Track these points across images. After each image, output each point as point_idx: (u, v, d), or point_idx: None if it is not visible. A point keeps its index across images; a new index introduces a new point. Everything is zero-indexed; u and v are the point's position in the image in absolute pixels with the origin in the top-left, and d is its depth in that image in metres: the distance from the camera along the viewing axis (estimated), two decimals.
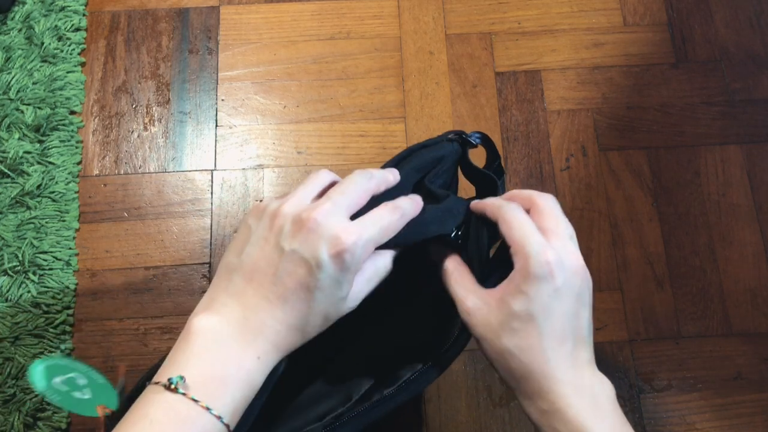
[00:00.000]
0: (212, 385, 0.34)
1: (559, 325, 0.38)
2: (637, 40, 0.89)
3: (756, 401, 0.75)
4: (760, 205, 0.82)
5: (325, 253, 0.36)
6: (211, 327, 0.36)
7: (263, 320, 0.37)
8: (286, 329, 0.37)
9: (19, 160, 0.80)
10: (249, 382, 0.36)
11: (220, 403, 0.34)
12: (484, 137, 0.49)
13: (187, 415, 0.32)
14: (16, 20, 0.87)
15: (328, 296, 0.37)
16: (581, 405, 0.37)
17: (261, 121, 0.85)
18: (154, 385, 0.34)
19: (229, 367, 0.35)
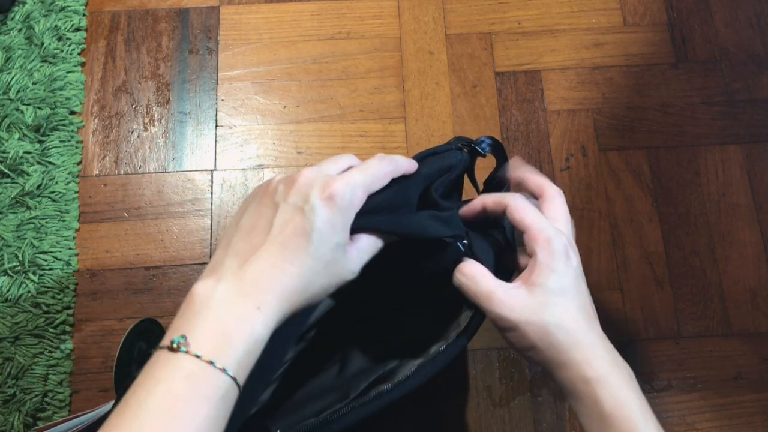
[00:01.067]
0: (214, 340, 0.34)
1: (588, 300, 0.43)
2: (637, 40, 0.89)
3: (756, 401, 0.75)
4: (760, 205, 0.83)
5: (317, 197, 0.38)
6: (210, 288, 0.36)
7: (262, 269, 0.37)
8: (288, 278, 0.37)
9: (19, 160, 0.80)
10: (252, 334, 0.35)
11: (223, 357, 0.34)
12: (495, 145, 0.49)
13: (192, 372, 0.33)
14: (16, 20, 0.87)
15: (326, 240, 0.38)
16: (621, 376, 0.41)
17: (261, 121, 0.85)
18: (159, 350, 0.34)
19: (229, 321, 0.35)
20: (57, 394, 0.72)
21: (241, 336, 0.35)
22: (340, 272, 0.40)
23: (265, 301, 0.36)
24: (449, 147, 0.47)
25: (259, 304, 0.36)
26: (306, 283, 0.38)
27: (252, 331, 0.35)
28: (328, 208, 0.38)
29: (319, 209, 0.38)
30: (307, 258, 0.37)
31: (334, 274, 0.39)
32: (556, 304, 0.41)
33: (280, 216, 0.38)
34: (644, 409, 0.40)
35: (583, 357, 0.41)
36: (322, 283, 0.39)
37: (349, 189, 0.39)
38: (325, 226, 0.38)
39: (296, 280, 0.37)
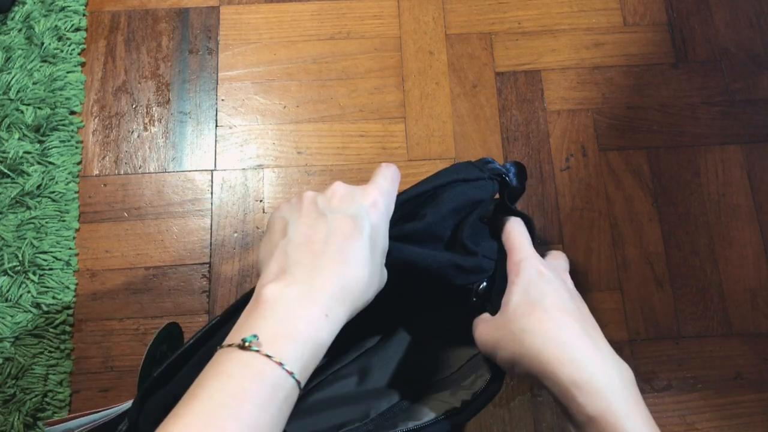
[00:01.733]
0: (283, 342, 0.35)
1: (560, 302, 0.43)
2: (637, 40, 0.89)
3: (756, 401, 0.75)
4: (760, 205, 0.82)
5: (363, 206, 0.40)
6: (280, 292, 0.36)
7: (328, 277, 0.38)
8: (352, 284, 0.38)
9: (19, 160, 0.80)
10: (318, 340, 0.36)
11: (291, 360, 0.34)
12: (520, 172, 0.48)
13: (262, 371, 0.33)
14: (16, 20, 0.87)
15: (377, 245, 0.40)
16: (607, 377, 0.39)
17: (261, 121, 0.85)
18: (227, 347, 0.35)
19: (299, 325, 0.36)
20: (57, 394, 0.72)
21: (309, 342, 0.36)
22: (383, 277, 0.41)
23: (332, 308, 0.37)
24: (480, 175, 0.46)
25: (327, 311, 0.37)
26: (365, 288, 0.39)
27: (318, 337, 0.36)
28: (375, 214, 0.41)
29: (367, 215, 0.40)
30: (366, 263, 0.39)
31: (380, 279, 0.41)
32: (524, 314, 0.42)
33: (332, 224, 0.39)
34: (631, 408, 0.38)
35: (558, 358, 0.40)
36: (375, 288, 0.40)
37: (385, 196, 0.42)
38: (374, 231, 0.40)
39: (358, 286, 0.39)
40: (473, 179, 0.45)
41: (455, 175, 0.45)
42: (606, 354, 0.41)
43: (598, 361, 0.40)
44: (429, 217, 0.44)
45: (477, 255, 0.44)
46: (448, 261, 0.43)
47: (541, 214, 0.81)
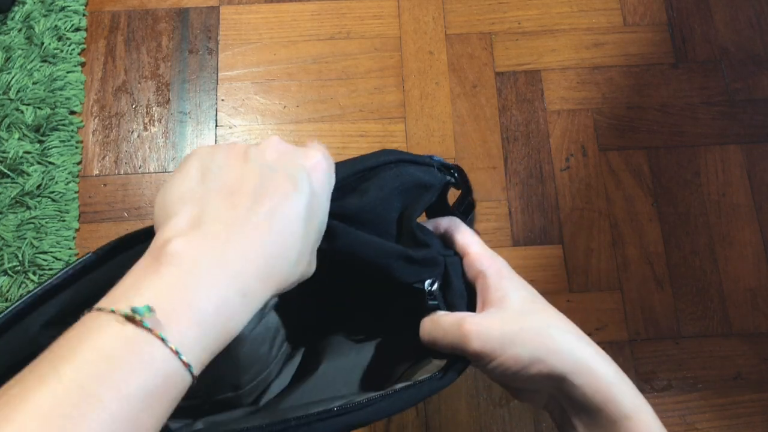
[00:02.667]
0: (184, 322, 0.27)
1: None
2: (637, 40, 0.89)
3: (756, 401, 0.75)
4: (760, 205, 0.82)
5: (304, 167, 0.33)
6: (190, 251, 0.28)
7: (251, 246, 0.30)
8: (280, 261, 0.31)
9: (19, 160, 0.80)
10: (227, 329, 0.29)
11: (191, 353, 0.27)
12: (461, 173, 0.42)
13: (151, 356, 0.25)
14: (16, 20, 0.87)
15: (316, 214, 0.33)
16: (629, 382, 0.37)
17: (261, 121, 0.85)
18: (106, 312, 0.26)
19: (207, 306, 0.28)
20: None
21: (217, 328, 0.28)
22: (311, 264, 0.34)
23: (252, 287, 0.30)
24: (429, 162, 0.40)
25: (245, 289, 0.29)
26: (290, 269, 0.32)
27: (228, 326, 0.29)
28: (317, 179, 0.33)
29: (308, 178, 0.33)
30: (298, 237, 0.32)
31: (308, 266, 0.34)
32: (538, 309, 0.38)
33: (264, 180, 0.32)
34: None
35: (593, 356, 0.37)
36: (299, 275, 0.33)
37: (329, 160, 0.35)
38: (314, 199, 0.33)
39: (284, 265, 0.31)
40: (420, 163, 0.39)
41: (401, 156, 0.39)
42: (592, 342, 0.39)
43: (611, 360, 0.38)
44: (372, 193, 0.37)
45: (430, 247, 0.38)
46: (398, 252, 0.37)
47: (541, 214, 0.81)
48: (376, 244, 0.36)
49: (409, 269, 0.37)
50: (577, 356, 0.36)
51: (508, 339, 0.36)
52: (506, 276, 0.39)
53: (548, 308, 0.38)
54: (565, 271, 0.79)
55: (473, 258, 0.39)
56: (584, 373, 0.36)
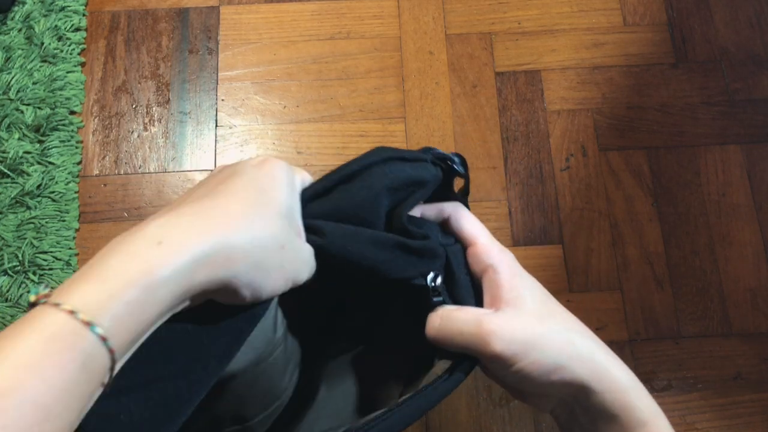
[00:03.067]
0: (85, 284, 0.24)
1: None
2: (637, 40, 0.89)
3: (756, 401, 0.75)
4: (760, 205, 0.82)
5: (249, 162, 0.33)
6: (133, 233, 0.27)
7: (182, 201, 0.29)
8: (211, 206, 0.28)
9: (19, 160, 0.80)
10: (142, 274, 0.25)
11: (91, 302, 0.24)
12: (464, 164, 0.40)
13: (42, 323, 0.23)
14: (16, 20, 0.87)
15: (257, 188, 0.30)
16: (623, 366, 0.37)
17: (261, 121, 0.85)
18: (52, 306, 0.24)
19: (114, 258, 0.25)
20: None
21: (128, 277, 0.24)
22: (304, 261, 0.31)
23: (170, 237, 0.26)
24: (422, 157, 0.38)
25: (161, 238, 0.26)
26: (236, 219, 0.28)
27: (146, 274, 0.25)
28: (272, 162, 0.33)
29: (259, 160, 0.33)
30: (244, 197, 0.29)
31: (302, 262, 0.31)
32: (555, 311, 0.36)
33: (207, 185, 0.31)
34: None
35: (611, 361, 0.35)
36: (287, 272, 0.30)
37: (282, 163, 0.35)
38: (255, 174, 0.31)
39: (222, 215, 0.28)
40: (412, 159, 0.37)
41: (390, 153, 0.36)
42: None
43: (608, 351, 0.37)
44: (358, 193, 0.35)
45: (427, 238, 0.36)
46: (393, 241, 0.34)
47: (541, 214, 0.81)
48: (368, 234, 0.34)
49: (406, 261, 0.35)
50: (597, 362, 0.35)
51: (531, 343, 0.33)
52: (518, 273, 0.37)
53: (563, 310, 0.37)
54: (565, 271, 0.79)
55: (481, 250, 0.37)
56: (604, 379, 0.35)
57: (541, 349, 0.34)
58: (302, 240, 0.32)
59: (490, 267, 0.36)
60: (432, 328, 0.35)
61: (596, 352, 0.35)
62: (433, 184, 0.38)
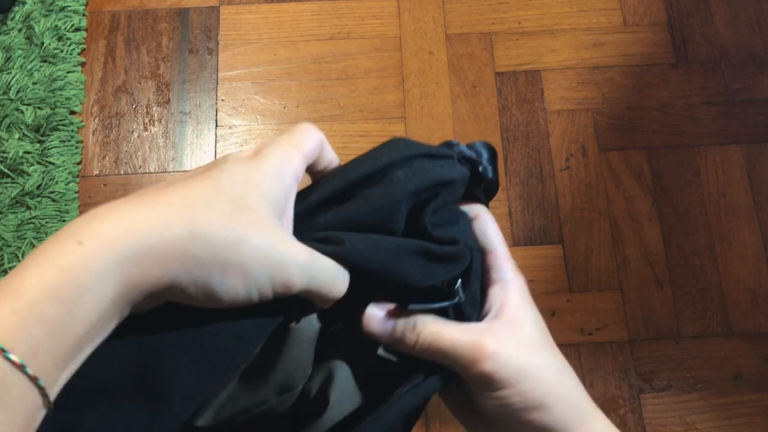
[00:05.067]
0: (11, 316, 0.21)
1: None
2: (637, 40, 0.89)
3: (756, 401, 0.75)
4: (760, 205, 0.83)
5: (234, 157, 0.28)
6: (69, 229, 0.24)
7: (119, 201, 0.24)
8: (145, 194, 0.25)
9: (19, 160, 0.80)
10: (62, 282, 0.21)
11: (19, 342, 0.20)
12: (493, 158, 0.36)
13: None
14: (16, 20, 0.87)
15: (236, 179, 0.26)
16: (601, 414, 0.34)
17: (261, 121, 0.85)
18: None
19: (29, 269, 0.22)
20: None
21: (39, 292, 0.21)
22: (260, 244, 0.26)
23: (91, 235, 0.22)
24: (448, 154, 0.34)
25: (81, 237, 0.22)
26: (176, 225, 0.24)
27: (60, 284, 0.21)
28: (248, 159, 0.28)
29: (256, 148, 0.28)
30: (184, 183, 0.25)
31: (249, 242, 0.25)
32: (550, 345, 0.34)
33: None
34: None
35: (593, 414, 0.33)
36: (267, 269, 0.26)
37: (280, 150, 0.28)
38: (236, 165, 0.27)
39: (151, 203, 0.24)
40: (438, 156, 0.33)
41: (413, 150, 0.32)
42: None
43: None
44: (376, 201, 0.31)
45: (457, 243, 0.32)
46: (415, 247, 0.31)
47: (541, 214, 0.81)
48: (391, 241, 0.31)
49: (432, 268, 0.32)
50: (581, 411, 0.33)
51: (524, 372, 0.31)
52: (526, 297, 0.34)
53: (555, 346, 0.34)
54: (565, 271, 0.79)
55: (500, 262, 0.35)
56: (584, 429, 0.32)
57: (532, 381, 0.31)
58: (292, 240, 0.28)
59: (502, 281, 0.34)
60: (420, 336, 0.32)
61: (583, 400, 0.33)
62: (461, 184, 0.34)
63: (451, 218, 0.34)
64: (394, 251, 0.31)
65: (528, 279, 0.37)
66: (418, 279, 0.31)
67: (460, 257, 0.33)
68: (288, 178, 0.29)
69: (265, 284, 0.26)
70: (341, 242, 0.30)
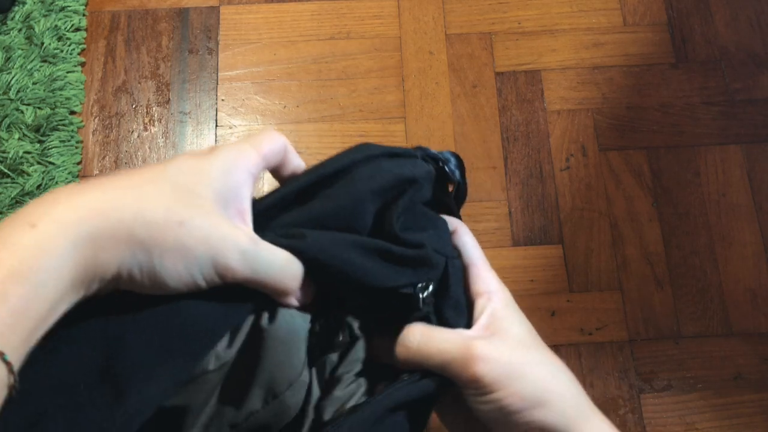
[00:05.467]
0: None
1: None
2: (637, 40, 0.89)
3: (756, 401, 0.75)
4: (760, 205, 0.83)
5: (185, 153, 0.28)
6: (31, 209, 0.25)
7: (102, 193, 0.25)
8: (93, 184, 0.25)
9: (19, 160, 0.80)
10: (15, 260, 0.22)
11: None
12: (460, 164, 0.36)
13: None
14: (16, 20, 0.87)
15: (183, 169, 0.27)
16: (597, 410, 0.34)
17: (261, 121, 0.85)
18: None
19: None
20: None
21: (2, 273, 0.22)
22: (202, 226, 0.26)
23: (44, 218, 0.23)
24: (411, 153, 0.34)
25: (35, 219, 0.23)
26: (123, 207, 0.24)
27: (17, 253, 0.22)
28: (199, 154, 0.28)
29: (187, 153, 0.28)
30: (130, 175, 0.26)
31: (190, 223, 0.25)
32: (540, 346, 0.34)
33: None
34: None
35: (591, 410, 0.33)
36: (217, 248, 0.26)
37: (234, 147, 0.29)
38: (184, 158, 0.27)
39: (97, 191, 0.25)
40: (401, 154, 0.33)
41: (376, 150, 0.33)
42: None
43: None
44: (340, 199, 0.31)
45: (423, 247, 0.32)
46: (378, 247, 0.31)
47: (541, 214, 0.81)
48: (351, 238, 0.31)
49: (392, 269, 0.31)
50: (582, 407, 0.32)
51: (516, 371, 0.31)
52: (511, 306, 0.35)
53: (546, 346, 0.35)
54: (565, 271, 0.79)
55: (483, 273, 0.35)
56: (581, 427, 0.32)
57: (526, 379, 0.31)
58: (242, 225, 0.28)
59: (487, 293, 0.35)
60: (408, 342, 0.32)
61: (581, 397, 0.33)
62: (427, 181, 0.34)
63: (424, 224, 0.34)
64: (355, 248, 0.30)
65: (528, 279, 0.37)
66: (379, 278, 0.31)
67: (427, 262, 0.32)
68: (239, 172, 0.29)
69: (206, 267, 0.26)
70: (302, 236, 0.30)
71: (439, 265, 0.33)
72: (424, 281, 0.32)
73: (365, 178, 0.32)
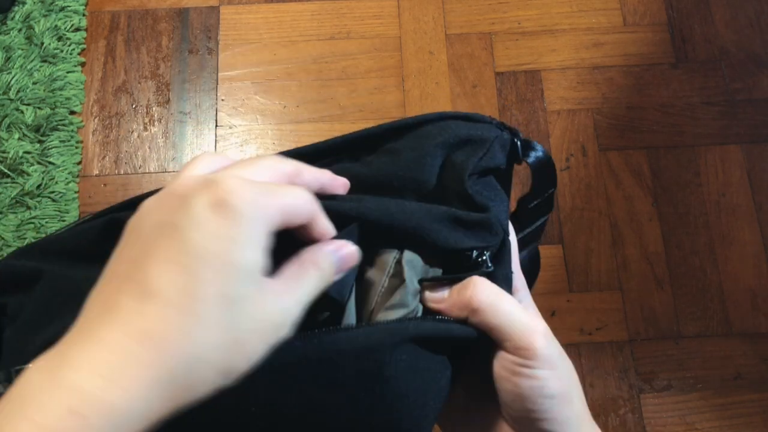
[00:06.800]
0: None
1: None
2: (637, 40, 0.89)
3: (756, 401, 0.75)
4: (760, 205, 0.83)
5: (199, 205, 0.23)
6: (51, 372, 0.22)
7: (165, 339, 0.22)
8: (198, 361, 0.22)
9: (19, 160, 0.80)
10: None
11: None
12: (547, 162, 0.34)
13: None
14: (16, 20, 0.87)
15: (216, 261, 0.23)
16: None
17: (261, 121, 0.85)
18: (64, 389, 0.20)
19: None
20: None
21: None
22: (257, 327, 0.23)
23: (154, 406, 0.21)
24: (487, 119, 0.32)
25: (105, 371, 0.21)
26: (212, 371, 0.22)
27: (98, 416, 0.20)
28: (218, 216, 0.23)
29: (202, 218, 0.23)
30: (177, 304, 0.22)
31: (242, 331, 0.23)
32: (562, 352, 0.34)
33: (141, 244, 0.24)
34: None
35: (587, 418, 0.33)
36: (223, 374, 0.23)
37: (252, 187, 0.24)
38: (213, 241, 0.23)
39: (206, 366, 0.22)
40: (474, 119, 0.32)
41: (450, 113, 0.32)
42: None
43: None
44: (405, 153, 0.30)
45: (488, 210, 0.31)
46: (442, 213, 0.29)
47: None
48: (415, 204, 0.29)
49: (455, 232, 0.30)
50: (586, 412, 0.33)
51: (563, 360, 0.32)
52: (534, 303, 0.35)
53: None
54: (565, 271, 0.79)
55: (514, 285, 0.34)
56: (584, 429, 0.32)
57: (566, 371, 0.32)
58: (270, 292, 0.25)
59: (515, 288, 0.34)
60: (478, 293, 0.30)
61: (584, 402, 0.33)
62: (500, 147, 0.32)
63: (489, 195, 0.32)
64: (420, 211, 0.29)
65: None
66: (442, 239, 0.30)
67: (489, 227, 0.31)
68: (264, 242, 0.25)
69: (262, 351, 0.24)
70: (360, 199, 0.29)
71: (499, 236, 0.32)
72: (485, 245, 0.31)
73: (434, 132, 0.31)
